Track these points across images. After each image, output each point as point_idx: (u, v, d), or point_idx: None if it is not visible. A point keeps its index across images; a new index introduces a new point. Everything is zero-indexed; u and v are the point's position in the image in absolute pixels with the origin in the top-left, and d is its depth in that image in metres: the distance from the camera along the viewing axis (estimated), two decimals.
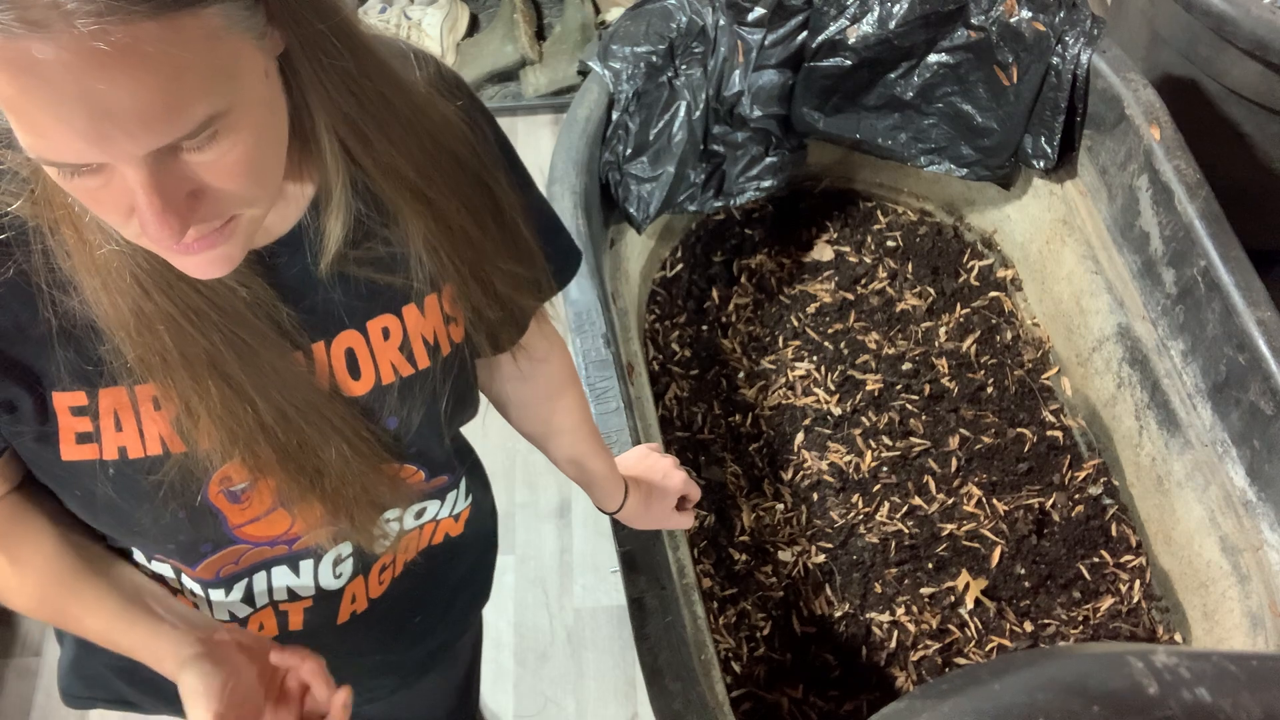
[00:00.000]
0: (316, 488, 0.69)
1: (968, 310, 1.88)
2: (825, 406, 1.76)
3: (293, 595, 0.81)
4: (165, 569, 0.77)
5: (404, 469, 0.77)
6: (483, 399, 0.89)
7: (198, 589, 0.78)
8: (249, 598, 0.79)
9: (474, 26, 2.50)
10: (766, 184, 1.77)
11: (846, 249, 1.95)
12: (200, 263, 0.56)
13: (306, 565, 0.79)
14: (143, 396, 0.64)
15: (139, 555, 0.77)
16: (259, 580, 0.79)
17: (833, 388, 1.79)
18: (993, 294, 1.90)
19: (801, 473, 1.71)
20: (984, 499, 1.67)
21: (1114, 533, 1.66)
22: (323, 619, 0.83)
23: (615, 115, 1.56)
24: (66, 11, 0.44)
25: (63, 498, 0.70)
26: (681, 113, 1.62)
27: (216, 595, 0.78)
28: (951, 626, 1.57)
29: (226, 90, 0.51)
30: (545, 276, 0.82)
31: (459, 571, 0.96)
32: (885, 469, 1.70)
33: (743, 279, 1.93)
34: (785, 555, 1.63)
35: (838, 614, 1.59)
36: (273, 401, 0.64)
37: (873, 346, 1.83)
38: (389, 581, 0.86)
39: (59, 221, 0.58)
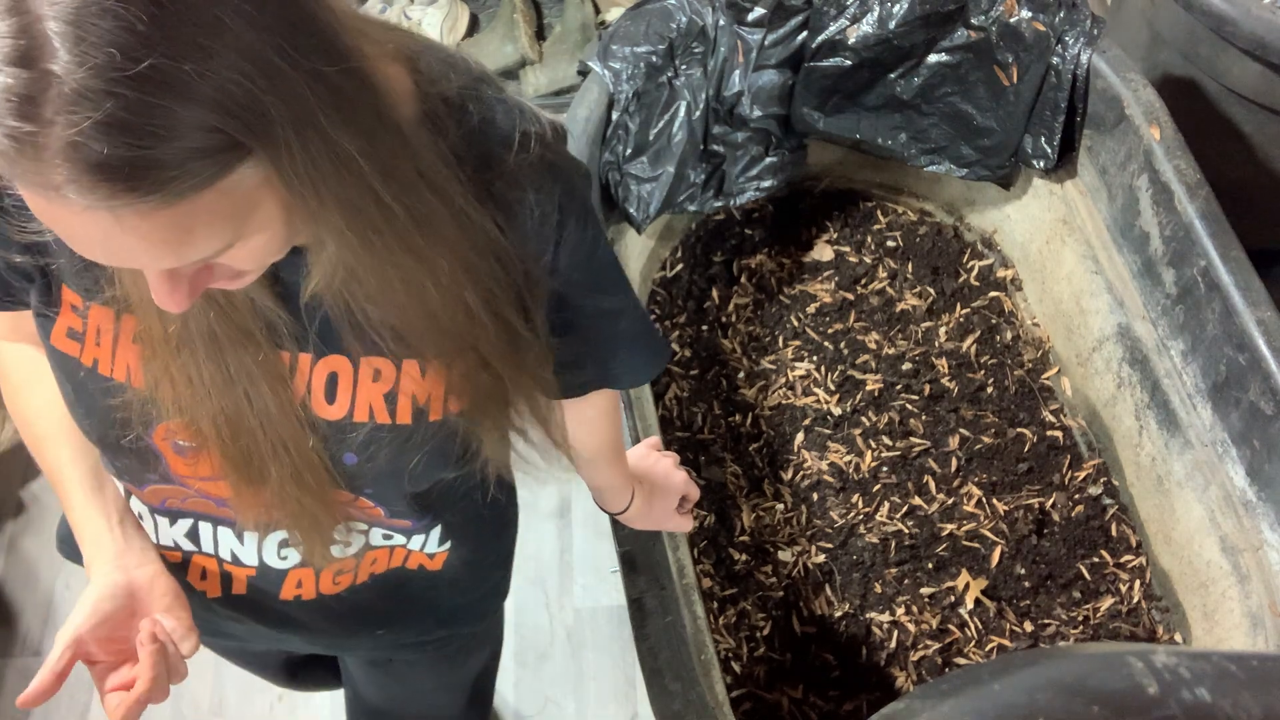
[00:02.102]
0: (250, 482, 0.69)
1: (968, 310, 1.88)
2: (825, 406, 1.76)
3: (235, 560, 0.81)
4: (119, 486, 0.80)
5: (359, 500, 0.76)
6: None
7: (145, 512, 0.79)
8: (194, 536, 0.80)
9: (474, 26, 2.50)
10: (766, 184, 1.77)
11: (846, 249, 1.95)
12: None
13: (250, 536, 0.79)
14: (125, 325, 0.68)
15: (104, 461, 0.79)
16: (204, 528, 0.79)
17: (833, 388, 1.79)
18: (993, 294, 1.90)
19: (801, 473, 1.71)
20: (984, 499, 1.67)
21: (1114, 533, 1.66)
22: (266, 591, 0.83)
23: (615, 115, 1.56)
24: (82, 195, 0.46)
25: (60, 384, 0.74)
26: (681, 113, 1.62)
27: (162, 523, 0.79)
28: (951, 626, 1.57)
29: (239, 227, 0.53)
30: (599, 376, 0.84)
31: (440, 603, 0.93)
32: (885, 469, 1.70)
33: (743, 279, 1.93)
34: (785, 555, 1.63)
35: (838, 614, 1.59)
36: (230, 391, 0.65)
37: (873, 346, 1.83)
38: (347, 585, 0.85)
39: None
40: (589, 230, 0.73)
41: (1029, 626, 1.58)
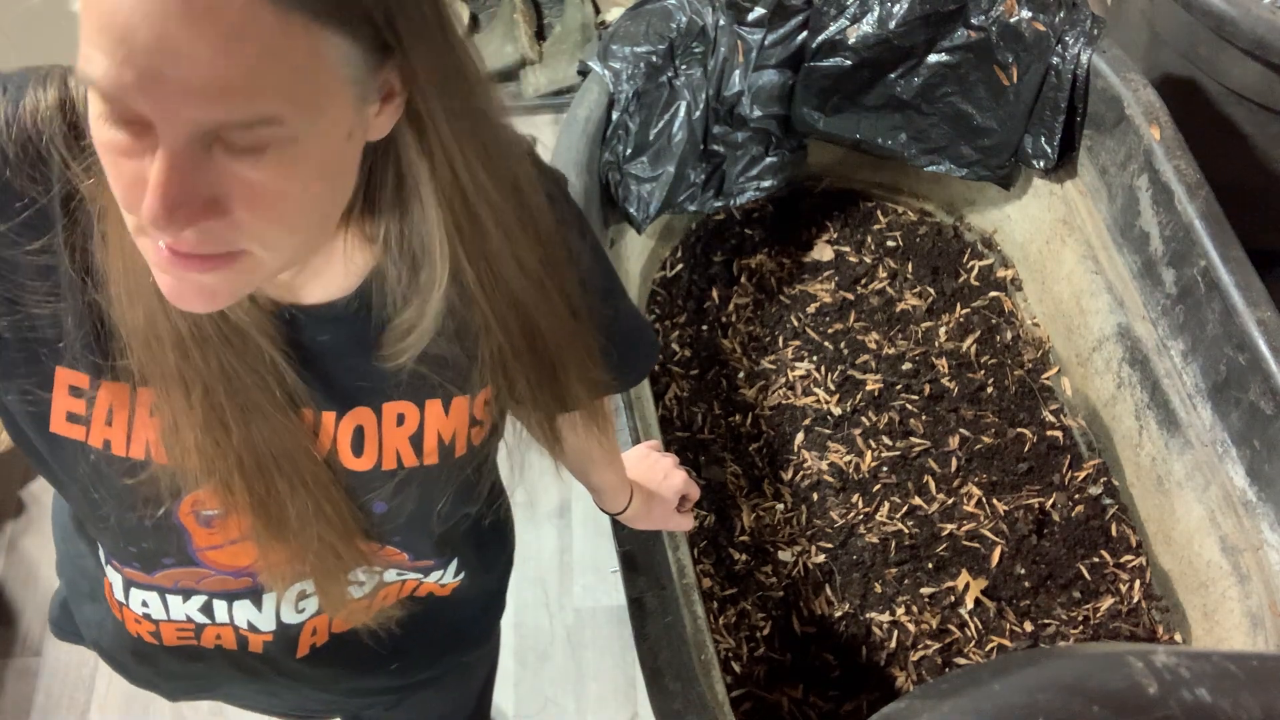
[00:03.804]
0: (281, 540, 0.67)
1: (968, 310, 1.88)
2: (825, 406, 1.76)
3: (252, 628, 0.79)
4: (118, 580, 0.76)
5: (384, 549, 0.75)
6: None
7: (153, 596, 0.76)
8: (208, 611, 0.77)
9: (474, 26, 2.50)
10: (766, 184, 1.77)
11: (846, 249, 1.95)
12: (183, 287, 0.52)
13: (269, 599, 0.77)
14: (142, 399, 0.63)
15: (102, 553, 0.76)
16: (219, 605, 0.77)
17: (833, 388, 1.79)
18: (993, 294, 1.90)
19: (801, 473, 1.71)
20: (984, 499, 1.67)
21: (1114, 533, 1.66)
22: (281, 650, 0.82)
23: (615, 115, 1.56)
24: None
25: (46, 469, 0.69)
26: (681, 113, 1.62)
27: (174, 601, 0.76)
28: (951, 626, 1.57)
29: (298, 110, 0.47)
30: (605, 380, 0.83)
31: (449, 627, 0.93)
32: (885, 469, 1.70)
33: (743, 279, 1.92)
34: (785, 555, 1.63)
35: (838, 614, 1.59)
36: (254, 448, 0.63)
37: (873, 346, 1.83)
38: (359, 624, 0.84)
39: (108, 207, 0.56)
40: (588, 238, 0.74)
41: (1029, 626, 1.58)
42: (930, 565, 1.61)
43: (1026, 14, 1.56)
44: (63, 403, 0.63)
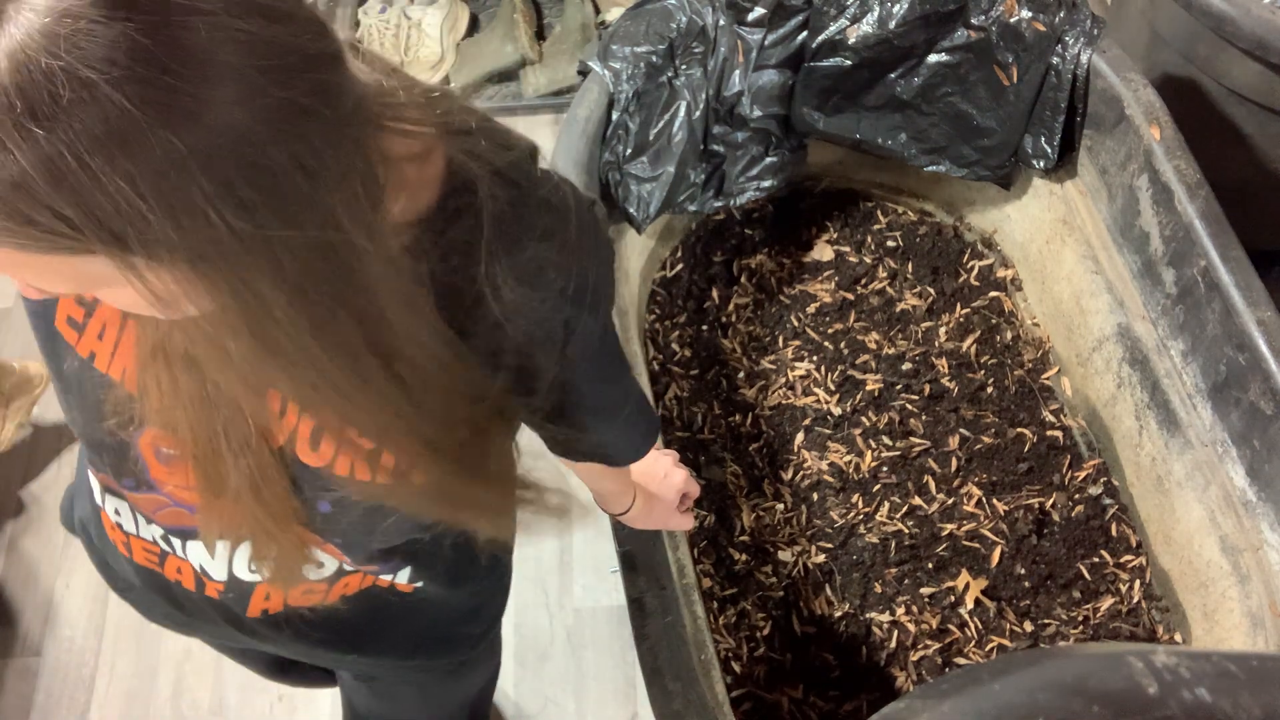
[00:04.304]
0: (219, 499, 0.67)
1: (968, 310, 1.88)
2: (825, 406, 1.76)
3: (204, 573, 0.80)
4: (96, 485, 0.80)
5: (326, 545, 0.76)
6: None
7: (125, 507, 0.79)
8: (168, 542, 0.79)
9: (474, 26, 2.50)
10: (766, 184, 1.77)
11: (846, 249, 1.95)
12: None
13: (221, 548, 0.78)
14: (129, 328, 0.67)
15: (85, 452, 0.80)
16: (175, 542, 0.79)
17: (833, 388, 1.79)
18: (993, 294, 1.90)
19: (801, 473, 1.71)
20: (984, 499, 1.67)
21: (1114, 533, 1.66)
22: (237, 604, 0.83)
23: (615, 115, 1.56)
24: None
25: (46, 356, 0.74)
26: (681, 113, 1.62)
27: (140, 520, 0.79)
28: (951, 626, 1.57)
29: (88, 287, 0.52)
30: (593, 452, 0.87)
31: (415, 628, 0.92)
32: (885, 469, 1.70)
33: (743, 279, 1.92)
34: (785, 555, 1.63)
35: (838, 614, 1.59)
36: (209, 405, 0.63)
37: (873, 346, 1.83)
38: (317, 603, 0.84)
39: None
40: (599, 319, 0.72)
41: (1029, 626, 1.58)
42: (930, 565, 1.61)
43: (1026, 14, 1.56)
44: (67, 305, 0.69)
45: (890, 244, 1.96)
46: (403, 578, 0.85)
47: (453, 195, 0.63)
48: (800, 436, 1.74)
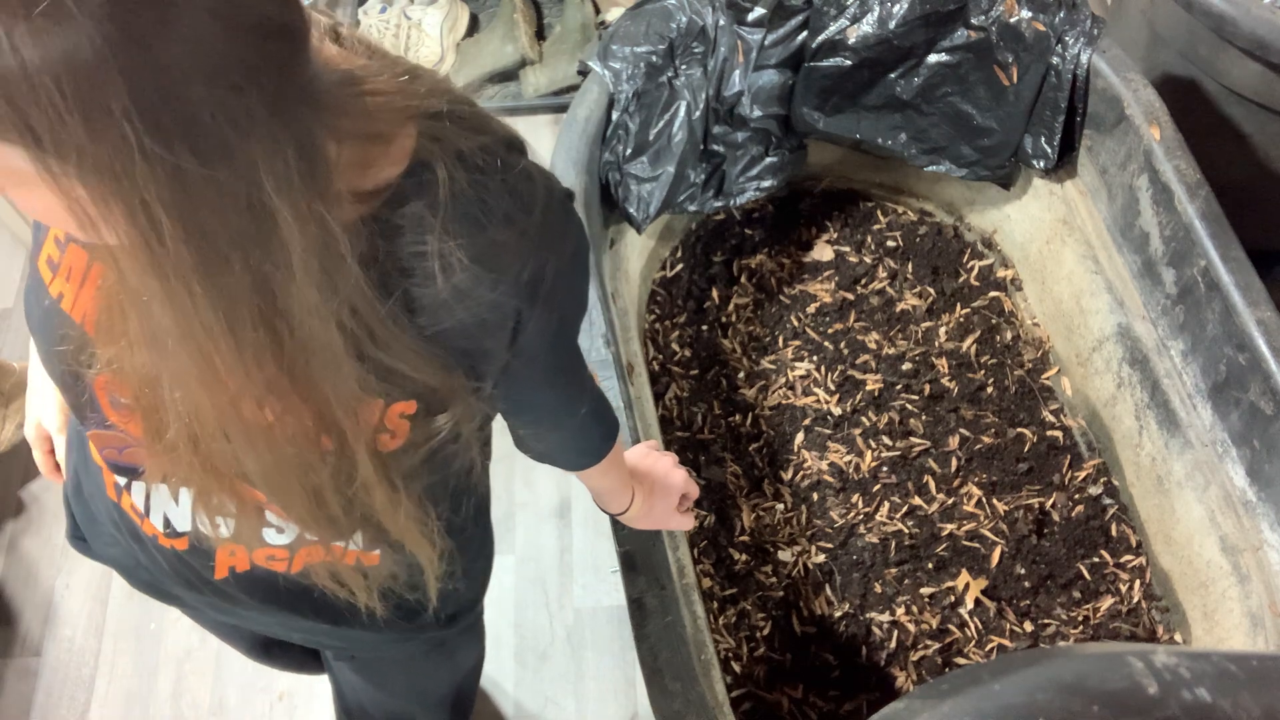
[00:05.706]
0: (161, 448, 0.66)
1: (968, 310, 1.88)
2: (825, 406, 1.76)
3: (169, 525, 0.80)
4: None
5: (271, 505, 0.73)
6: None
7: (99, 457, 0.80)
8: (134, 492, 0.80)
9: (474, 26, 2.50)
10: (766, 184, 1.77)
11: (846, 249, 1.95)
12: None
13: (185, 495, 0.79)
14: (94, 271, 0.68)
15: None
16: (137, 489, 0.80)
17: (833, 388, 1.79)
18: (993, 294, 1.90)
19: (801, 473, 1.71)
20: (984, 499, 1.67)
21: (1114, 533, 1.66)
22: (201, 564, 0.83)
23: (615, 115, 1.56)
24: None
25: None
26: (681, 113, 1.62)
27: (107, 472, 0.80)
28: (951, 626, 1.57)
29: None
30: (549, 455, 0.88)
31: (383, 596, 0.89)
32: (885, 469, 1.70)
33: (743, 279, 1.93)
34: (785, 555, 1.63)
35: (838, 614, 1.59)
36: (147, 359, 0.63)
37: (873, 346, 1.83)
38: (281, 569, 0.84)
39: None
40: (555, 314, 0.72)
41: (1029, 626, 1.58)
42: (930, 565, 1.61)
43: (1026, 14, 1.56)
44: (50, 246, 0.72)
45: (890, 244, 1.96)
46: (356, 545, 0.82)
47: (412, 173, 0.64)
48: (800, 436, 1.74)
